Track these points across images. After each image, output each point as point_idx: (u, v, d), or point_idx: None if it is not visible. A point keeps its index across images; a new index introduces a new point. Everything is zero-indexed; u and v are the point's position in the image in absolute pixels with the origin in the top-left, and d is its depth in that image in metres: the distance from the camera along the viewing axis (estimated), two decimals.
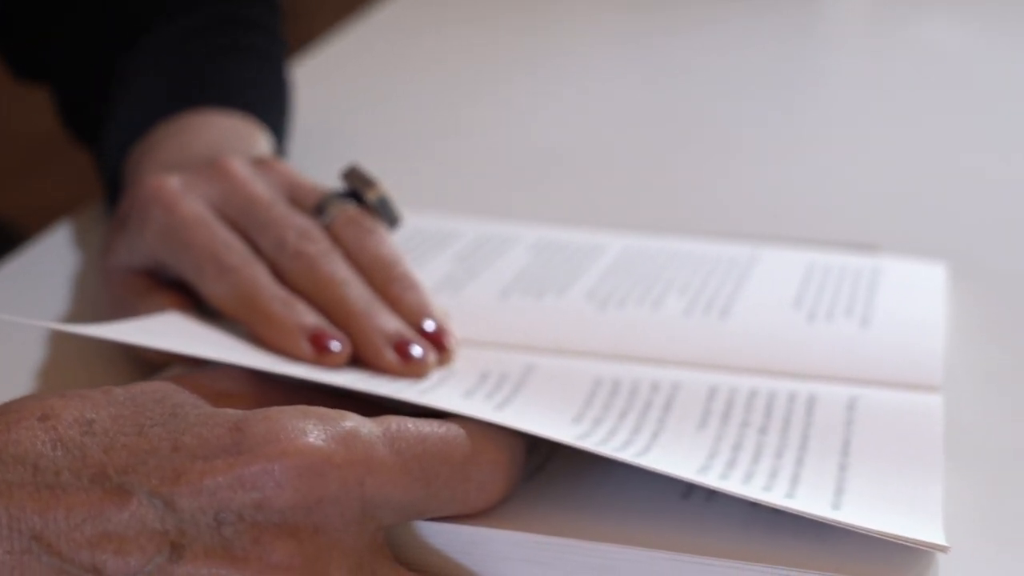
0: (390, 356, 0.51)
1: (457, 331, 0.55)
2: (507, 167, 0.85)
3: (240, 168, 0.57)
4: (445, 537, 0.42)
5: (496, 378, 0.52)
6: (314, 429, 0.39)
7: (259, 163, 0.58)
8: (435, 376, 0.52)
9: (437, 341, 0.53)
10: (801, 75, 1.07)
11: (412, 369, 0.51)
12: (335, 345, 0.51)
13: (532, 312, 0.58)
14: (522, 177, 0.83)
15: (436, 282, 0.61)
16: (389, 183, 0.58)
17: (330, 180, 0.59)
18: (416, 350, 0.51)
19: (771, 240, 0.68)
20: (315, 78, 1.00)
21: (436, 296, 0.59)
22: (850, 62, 1.12)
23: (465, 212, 0.73)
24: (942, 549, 0.40)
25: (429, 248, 0.65)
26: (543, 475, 0.45)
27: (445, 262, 0.64)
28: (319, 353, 0.51)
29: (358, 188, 0.56)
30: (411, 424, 0.41)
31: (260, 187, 0.56)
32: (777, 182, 0.82)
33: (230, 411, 0.40)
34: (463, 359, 0.53)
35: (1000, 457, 0.53)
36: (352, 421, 0.40)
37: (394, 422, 0.41)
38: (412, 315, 0.53)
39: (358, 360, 0.52)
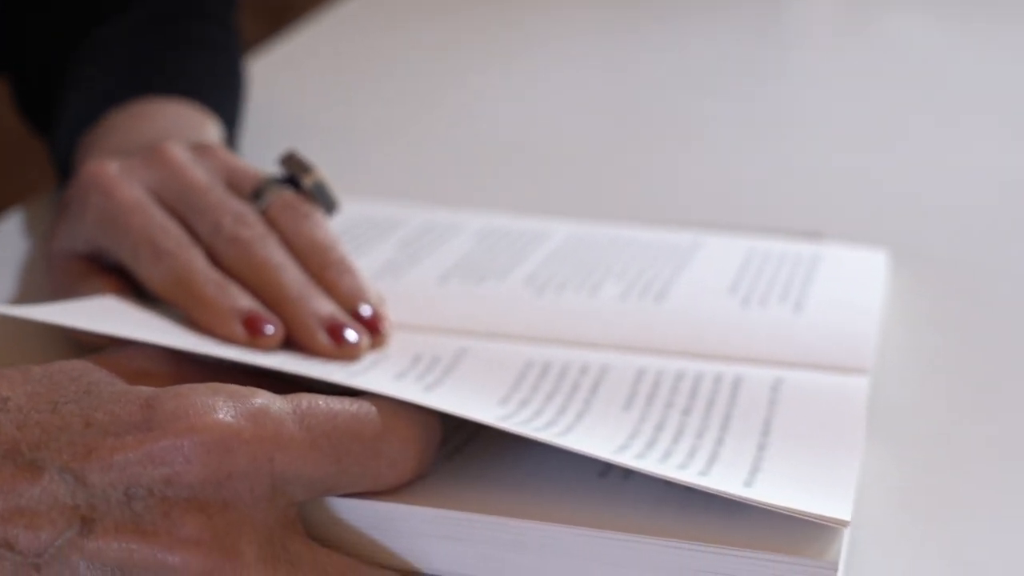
0: (322, 339, 0.52)
1: (394, 316, 0.55)
2: (466, 157, 0.85)
3: (178, 153, 0.57)
4: (357, 513, 0.42)
5: (428, 361, 0.52)
6: (224, 406, 0.40)
7: (198, 149, 0.58)
8: (368, 359, 0.52)
9: (371, 325, 0.53)
10: (763, 69, 1.07)
11: (344, 352, 0.52)
12: (268, 328, 0.51)
13: (470, 297, 0.59)
14: (479, 167, 0.84)
15: (378, 267, 0.62)
16: (349, 173, 0.58)
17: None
18: (349, 334, 0.52)
19: (718, 228, 0.69)
20: (279, 69, 1.00)
21: (375, 281, 0.59)
22: (812, 56, 1.12)
23: (423, 201, 0.74)
24: (842, 524, 0.40)
25: (375, 234, 0.66)
26: (464, 454, 0.46)
27: (389, 248, 0.64)
28: (252, 336, 0.51)
29: (295, 173, 0.57)
30: (322, 401, 0.41)
31: (198, 172, 0.57)
32: (728, 172, 0.82)
33: (143, 388, 0.41)
34: (397, 343, 0.54)
35: (927, 439, 0.53)
36: (262, 398, 0.41)
37: (305, 399, 0.41)
38: (347, 299, 0.54)
39: (292, 344, 0.52)
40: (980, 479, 0.50)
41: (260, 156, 0.68)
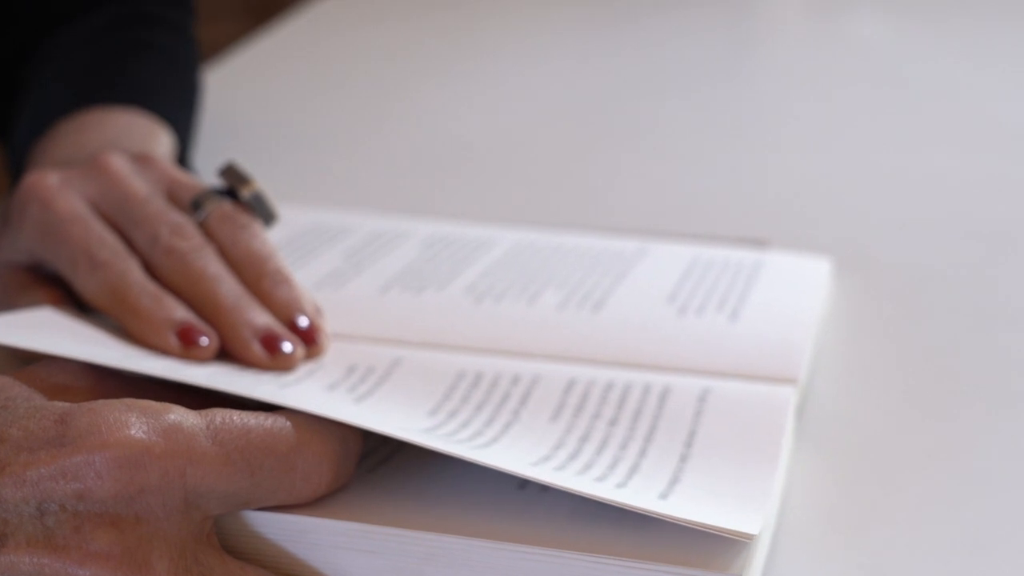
0: (256, 350, 0.52)
1: (333, 325, 0.56)
2: (422, 163, 0.86)
3: (119, 164, 0.58)
4: (273, 526, 0.43)
5: (362, 371, 0.53)
6: (136, 421, 0.40)
7: (139, 159, 0.59)
8: (302, 370, 0.53)
9: (307, 336, 0.54)
10: (724, 72, 1.08)
11: (278, 363, 0.52)
12: (202, 340, 0.52)
13: (409, 307, 0.59)
14: (435, 173, 0.84)
15: (321, 277, 0.62)
16: (307, 179, 0.59)
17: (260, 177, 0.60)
18: (284, 345, 0.52)
19: (664, 235, 0.69)
20: (239, 77, 1.01)
21: (316, 291, 0.60)
22: (775, 59, 1.13)
23: (379, 207, 0.74)
24: (746, 538, 0.41)
25: (322, 243, 0.66)
26: (388, 467, 0.46)
27: (334, 257, 0.65)
28: (186, 347, 0.51)
29: (233, 185, 0.57)
30: (236, 416, 0.42)
31: (137, 183, 0.57)
32: (680, 177, 0.83)
33: (59, 404, 0.41)
34: (334, 353, 0.54)
35: (858, 449, 0.54)
36: (176, 414, 0.41)
37: (219, 415, 0.42)
38: (283, 310, 0.54)
39: (227, 355, 0.53)
40: (907, 490, 0.51)
41: (218, 164, 0.68)
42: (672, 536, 0.42)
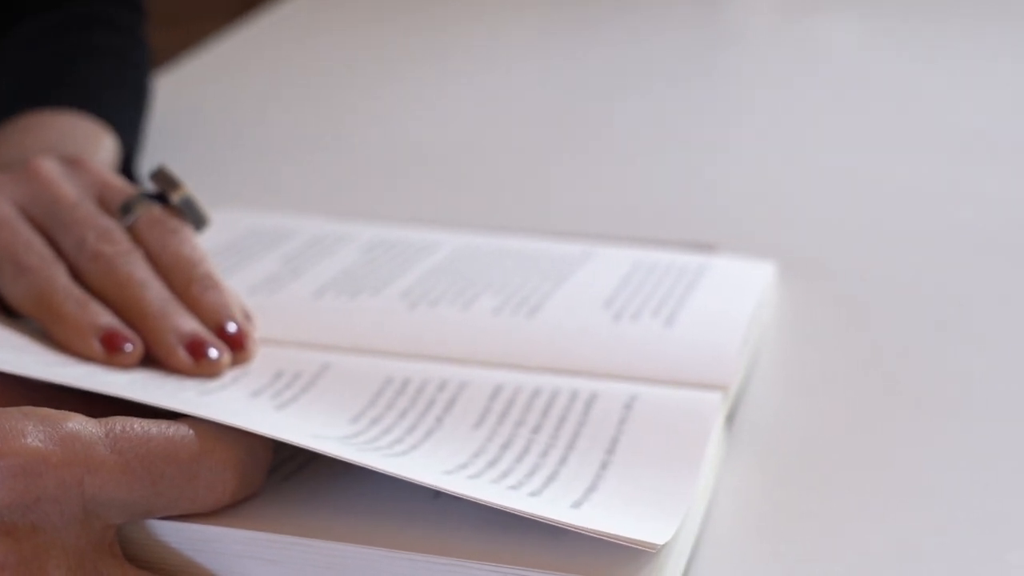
0: (182, 356, 0.51)
1: (264, 331, 0.55)
2: (373, 166, 0.86)
3: (49, 168, 0.57)
4: (177, 535, 0.42)
5: (288, 377, 0.52)
6: (33, 430, 0.40)
7: (70, 163, 0.58)
8: (228, 376, 0.52)
9: (235, 342, 0.53)
10: (682, 76, 1.07)
11: (204, 369, 0.52)
12: (127, 346, 0.51)
13: (342, 312, 0.59)
14: (388, 176, 0.84)
15: (257, 282, 0.62)
16: (257, 183, 0.58)
17: (197, 182, 0.60)
18: (210, 351, 0.52)
19: (610, 239, 0.69)
20: (193, 79, 1.00)
21: (250, 296, 0.59)
22: (737, 62, 1.12)
23: (329, 210, 0.74)
24: (650, 548, 0.40)
25: (261, 248, 0.66)
26: (303, 475, 0.46)
27: (271, 261, 0.64)
28: (110, 353, 0.51)
29: (164, 189, 0.57)
30: (137, 424, 0.41)
31: (67, 187, 0.56)
32: (631, 181, 0.82)
33: None
34: (262, 359, 0.54)
35: (791, 456, 0.53)
36: (75, 422, 0.40)
37: (119, 423, 0.41)
38: (211, 316, 0.53)
39: (152, 361, 0.52)
40: (835, 498, 0.50)
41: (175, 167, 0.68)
42: (584, 546, 0.41)
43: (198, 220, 0.57)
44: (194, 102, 0.91)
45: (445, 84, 1.04)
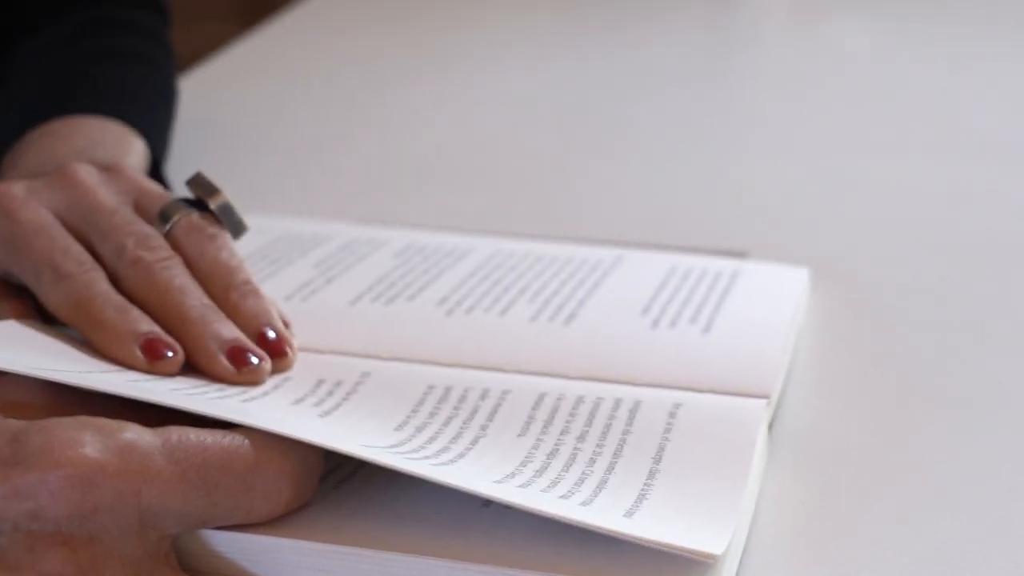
0: (224, 363, 0.51)
1: (302, 338, 0.55)
2: (396, 171, 0.86)
3: (85, 175, 0.57)
4: (232, 545, 0.42)
5: (330, 385, 0.52)
6: (91, 440, 0.39)
7: (107, 170, 0.58)
8: (269, 383, 0.52)
9: (275, 349, 0.53)
10: (702, 79, 1.07)
11: (245, 377, 0.51)
12: (168, 353, 0.51)
13: (379, 319, 0.59)
14: (410, 180, 0.84)
15: (292, 288, 0.62)
16: (281, 186, 0.58)
17: (230, 184, 0.60)
18: (251, 358, 0.51)
19: (642, 246, 0.69)
20: (210, 84, 1.00)
21: (285, 303, 0.59)
22: (755, 66, 1.13)
23: (352, 215, 0.74)
24: (709, 558, 0.40)
25: (293, 254, 0.66)
26: (352, 484, 0.46)
27: (305, 268, 0.64)
28: (151, 360, 0.51)
29: (201, 196, 0.57)
30: (193, 434, 0.41)
31: (104, 194, 0.56)
32: (658, 186, 0.82)
33: (13, 422, 0.41)
34: (302, 366, 0.54)
35: (831, 464, 0.53)
36: (131, 432, 0.40)
37: (175, 432, 0.41)
38: (250, 322, 0.53)
39: (193, 368, 0.52)
40: (878, 505, 0.50)
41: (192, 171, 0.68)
42: (638, 554, 0.41)
43: (236, 227, 0.57)
44: (209, 107, 0.90)
45: (462, 87, 1.04)
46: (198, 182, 0.57)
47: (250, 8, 2.25)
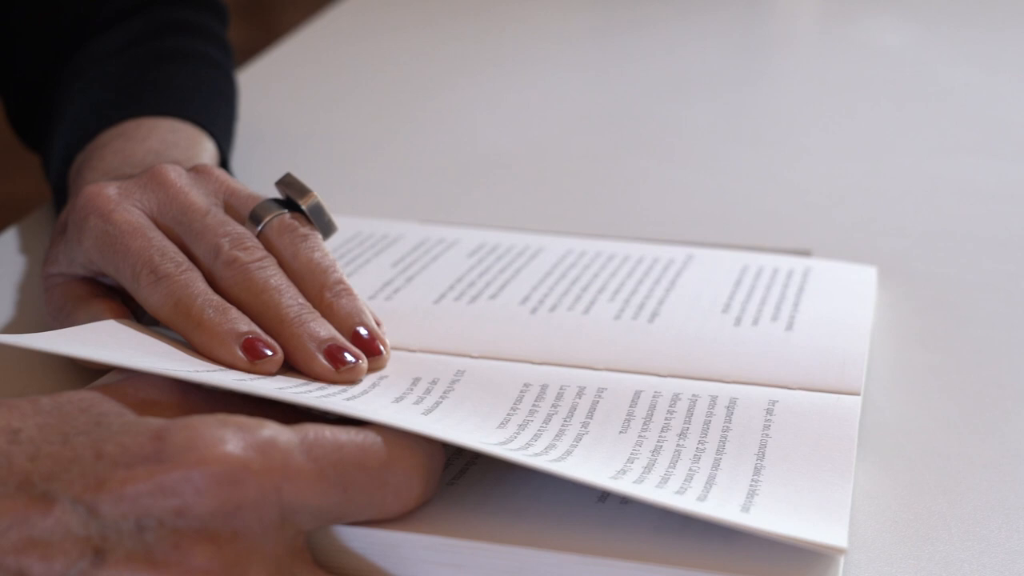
0: (323, 362, 0.52)
1: (390, 336, 0.56)
2: (452, 171, 0.86)
3: (176, 176, 0.58)
4: (363, 541, 0.43)
5: (426, 383, 0.53)
6: (233, 437, 0.40)
7: (196, 171, 0.59)
8: (366, 382, 0.53)
9: (369, 347, 0.54)
10: (745, 77, 1.08)
11: (344, 375, 0.52)
12: (267, 352, 0.52)
13: (464, 317, 0.60)
14: (467, 181, 0.84)
15: (374, 288, 0.62)
16: (334, 187, 0.59)
17: (265, 188, 0.60)
18: (348, 356, 0.52)
19: (706, 246, 0.70)
20: (265, 82, 1.01)
21: (371, 302, 0.60)
22: (796, 63, 1.13)
23: (409, 215, 0.74)
24: (839, 551, 0.41)
25: (369, 253, 0.67)
26: (465, 479, 0.47)
27: (383, 267, 0.65)
28: (252, 360, 0.51)
29: (293, 196, 0.57)
30: (328, 432, 0.42)
31: (196, 195, 0.57)
32: (716, 187, 0.83)
33: (152, 420, 0.41)
34: (395, 364, 0.54)
35: (917, 458, 0.54)
36: (270, 429, 0.41)
37: (312, 430, 0.42)
38: (344, 321, 0.54)
39: (291, 367, 0.53)
40: (968, 499, 0.51)
41: (246, 171, 0.68)
42: (758, 547, 0.42)
43: (326, 227, 0.58)
44: (253, 108, 0.91)
45: (506, 88, 1.04)
46: (289, 182, 0.58)
47: (250, 8, 2.25)
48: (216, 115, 0.73)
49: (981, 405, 0.58)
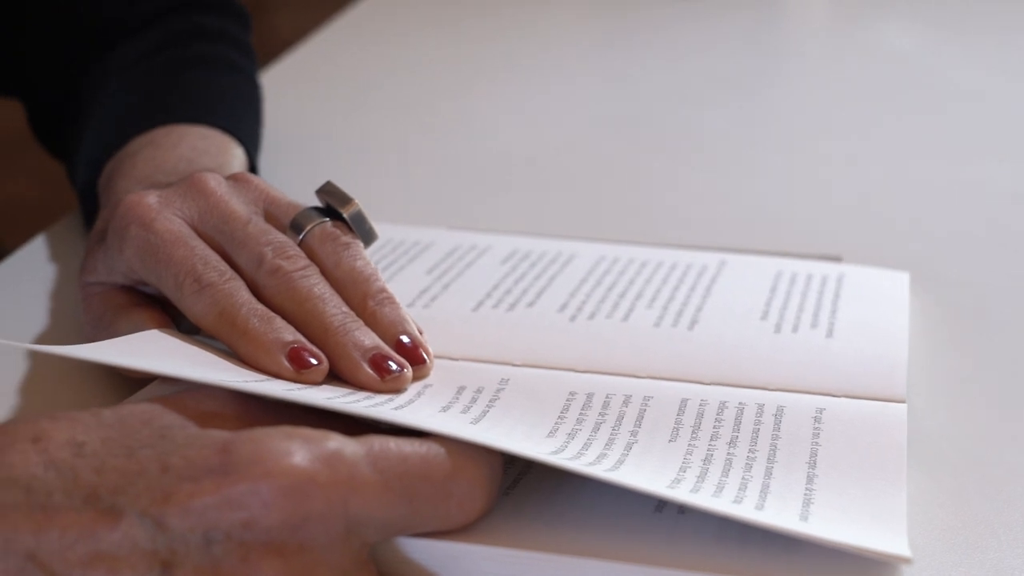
0: (368, 371, 0.52)
1: (432, 344, 0.56)
2: (475, 176, 0.86)
3: (216, 184, 0.57)
4: (426, 552, 0.43)
5: (472, 392, 0.53)
6: (299, 450, 0.40)
7: (235, 179, 0.59)
8: (411, 391, 0.53)
9: (413, 355, 0.54)
10: (762, 81, 1.08)
11: (389, 384, 0.52)
12: (313, 361, 0.52)
13: (504, 325, 0.60)
14: (490, 186, 0.84)
15: (412, 295, 0.62)
16: (356, 191, 0.58)
17: (300, 189, 0.60)
18: (392, 365, 0.52)
19: (737, 251, 0.70)
20: (283, 86, 1.01)
21: (409, 309, 0.60)
22: (811, 67, 1.14)
23: (433, 221, 0.74)
24: (905, 560, 0.41)
25: (403, 261, 0.67)
26: (519, 489, 0.47)
27: (418, 274, 0.65)
28: (298, 369, 0.51)
29: (334, 204, 0.57)
30: (393, 444, 0.42)
31: (236, 203, 0.57)
32: (742, 192, 0.83)
33: (217, 432, 0.41)
34: (438, 372, 0.54)
35: (961, 464, 0.54)
36: (336, 442, 0.41)
37: (376, 442, 0.42)
38: (388, 330, 0.54)
39: (336, 376, 0.53)
40: (1018, 506, 0.51)
41: (270, 176, 0.68)
42: (816, 557, 0.42)
43: (367, 235, 0.58)
44: (281, 110, 0.91)
45: (523, 93, 1.04)
46: (330, 190, 0.58)
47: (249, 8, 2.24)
48: (243, 121, 0.73)
49: (1021, 410, 0.58)
